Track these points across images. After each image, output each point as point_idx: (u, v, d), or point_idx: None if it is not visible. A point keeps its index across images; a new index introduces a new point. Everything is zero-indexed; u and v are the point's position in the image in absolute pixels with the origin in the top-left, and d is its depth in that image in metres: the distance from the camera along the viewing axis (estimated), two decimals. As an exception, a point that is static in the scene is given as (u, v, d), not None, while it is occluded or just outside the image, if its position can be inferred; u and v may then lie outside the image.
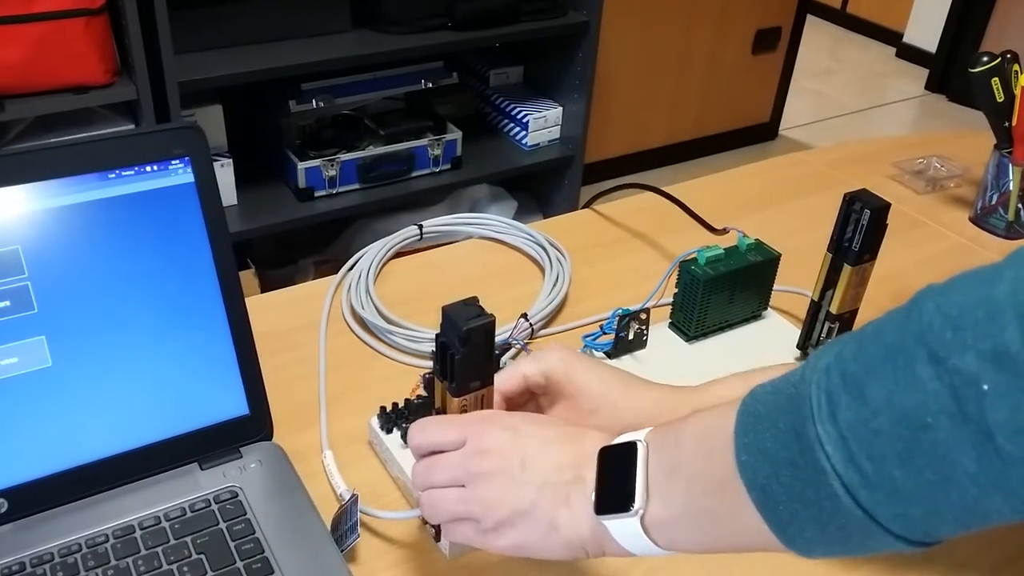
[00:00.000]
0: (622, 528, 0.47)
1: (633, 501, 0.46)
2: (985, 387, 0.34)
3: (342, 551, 0.58)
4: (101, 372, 0.59)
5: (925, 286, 0.39)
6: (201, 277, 0.62)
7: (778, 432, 0.40)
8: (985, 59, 0.98)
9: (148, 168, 0.60)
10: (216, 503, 0.60)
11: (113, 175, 0.59)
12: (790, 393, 0.41)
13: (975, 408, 0.34)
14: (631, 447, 0.48)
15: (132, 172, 0.60)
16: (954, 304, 0.36)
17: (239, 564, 0.56)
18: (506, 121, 2.28)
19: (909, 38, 3.87)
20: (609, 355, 0.75)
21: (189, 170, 0.61)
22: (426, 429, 0.54)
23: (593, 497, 0.48)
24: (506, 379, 0.61)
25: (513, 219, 0.94)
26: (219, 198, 0.62)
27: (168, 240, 0.61)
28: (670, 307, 0.80)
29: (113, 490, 0.60)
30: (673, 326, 0.79)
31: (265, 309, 0.83)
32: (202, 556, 0.57)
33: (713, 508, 0.44)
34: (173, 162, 0.61)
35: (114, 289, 0.59)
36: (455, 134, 2.08)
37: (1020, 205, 1.02)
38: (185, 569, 0.56)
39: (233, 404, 0.64)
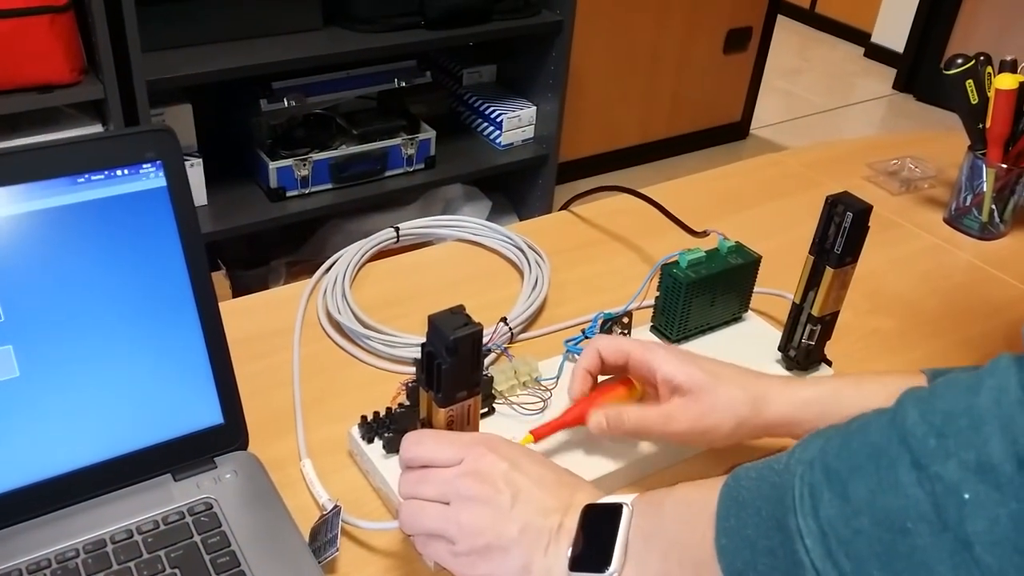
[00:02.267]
0: None
1: (609, 563, 0.46)
2: (966, 496, 0.34)
3: (320, 563, 0.57)
4: (71, 382, 0.57)
5: (908, 390, 0.39)
6: (173, 283, 0.60)
7: (760, 520, 0.41)
8: (960, 61, 0.99)
9: (119, 172, 0.58)
10: (190, 515, 0.58)
11: (83, 179, 0.57)
12: (774, 482, 0.41)
13: (955, 517, 0.34)
14: (616, 509, 0.48)
15: (102, 176, 0.58)
16: (938, 412, 0.36)
17: (215, 578, 0.55)
18: (480, 120, 2.27)
19: (877, 38, 3.91)
20: (590, 359, 0.75)
21: (161, 174, 0.60)
22: (423, 443, 0.53)
23: (570, 551, 0.48)
24: (587, 355, 0.63)
25: (487, 219, 0.93)
26: (192, 202, 0.61)
27: (139, 246, 0.59)
28: (651, 310, 0.79)
29: (83, 503, 0.59)
30: (655, 329, 0.79)
31: (238, 314, 0.81)
32: (176, 570, 0.55)
33: None
34: (145, 166, 0.59)
35: (84, 297, 0.57)
36: (428, 133, 2.07)
37: (994, 206, 1.03)
38: (159, 584, 0.54)
39: (207, 413, 0.62)
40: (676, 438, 0.61)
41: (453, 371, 0.53)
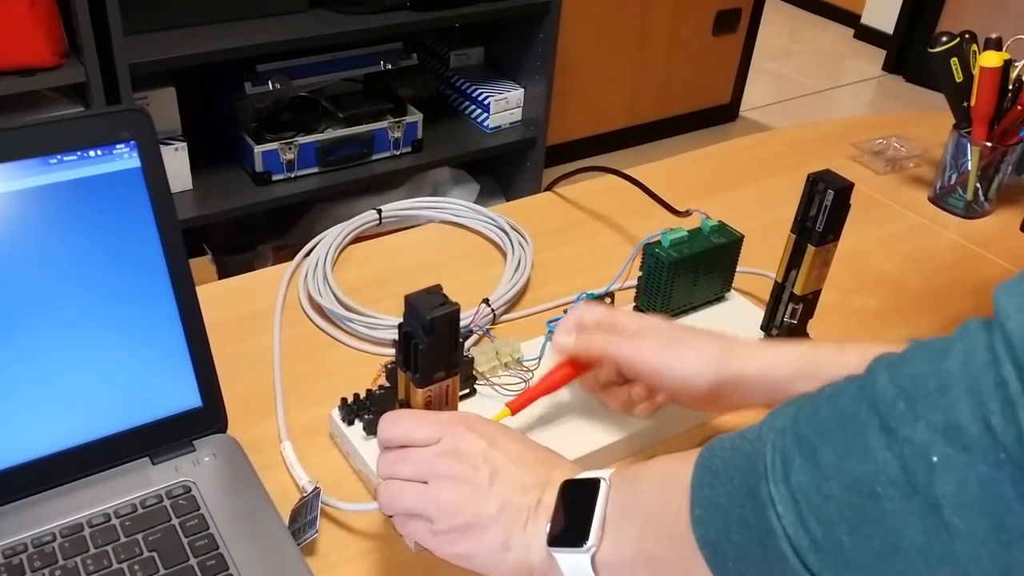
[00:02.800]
0: (572, 563, 0.47)
1: (587, 538, 0.46)
2: (934, 459, 0.34)
3: (299, 544, 0.57)
4: (46, 365, 0.57)
5: (879, 355, 0.39)
6: (149, 265, 0.60)
7: (733, 489, 0.41)
8: (944, 39, 0.98)
9: (92, 153, 0.58)
10: (168, 498, 0.58)
11: (55, 160, 0.56)
12: (746, 450, 0.41)
13: (924, 480, 0.34)
14: (594, 484, 0.48)
15: (75, 157, 0.57)
16: (906, 375, 0.36)
17: (192, 561, 0.54)
18: (467, 103, 2.25)
19: (867, 19, 3.90)
20: (572, 340, 0.74)
21: (135, 154, 0.59)
22: (400, 423, 0.53)
23: (548, 527, 0.48)
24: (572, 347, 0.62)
25: (475, 202, 0.93)
26: (167, 183, 0.60)
27: (114, 227, 0.58)
28: (634, 290, 0.79)
29: (60, 487, 0.58)
30: (638, 309, 0.78)
31: (219, 297, 0.81)
32: (154, 554, 0.55)
33: (664, 557, 0.44)
34: (118, 146, 0.58)
35: (58, 279, 0.57)
36: (415, 116, 2.05)
37: (978, 185, 1.02)
38: (136, 568, 0.54)
39: (185, 396, 0.62)
40: (642, 367, 0.60)
41: (430, 351, 0.52)
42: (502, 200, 2.38)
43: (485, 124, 2.22)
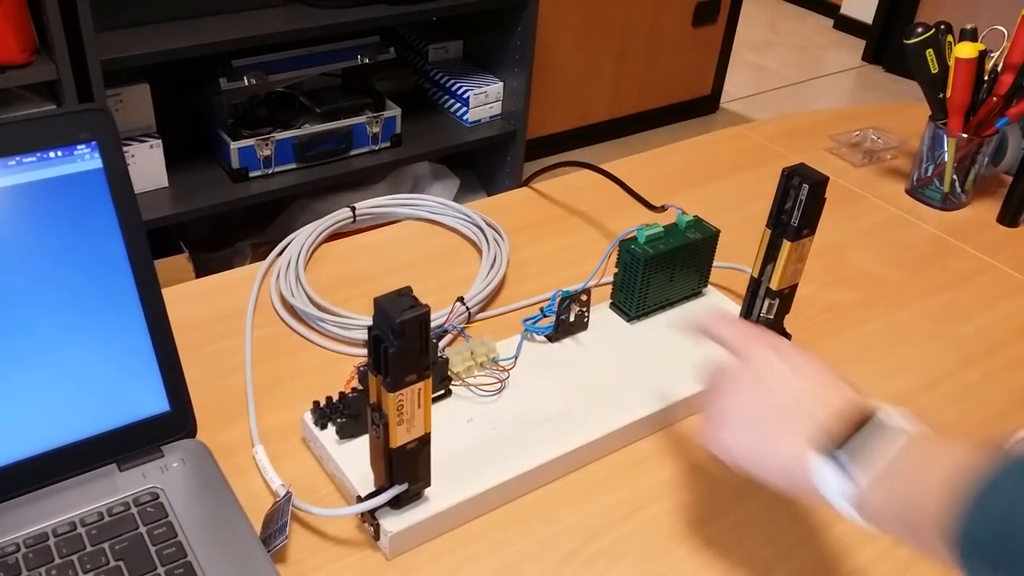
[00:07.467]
0: (833, 482, 0.48)
1: (866, 476, 0.47)
2: None
3: (269, 551, 0.56)
4: (7, 371, 0.56)
5: None
6: (113, 268, 0.58)
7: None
8: (919, 30, 0.98)
9: (52, 154, 0.56)
10: (136, 506, 0.57)
11: (13, 162, 0.55)
12: None
13: None
14: (894, 433, 0.48)
15: (34, 158, 0.56)
16: None
17: (160, 570, 0.53)
18: (446, 97, 2.24)
19: (846, 10, 3.90)
20: (550, 338, 0.74)
21: (97, 155, 0.57)
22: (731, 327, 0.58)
23: (837, 453, 0.49)
24: None
25: (455, 197, 0.92)
26: (130, 184, 0.59)
27: (76, 230, 0.57)
28: (610, 287, 0.78)
29: (24, 496, 0.57)
30: (614, 306, 0.78)
31: (190, 297, 0.80)
32: (120, 563, 0.54)
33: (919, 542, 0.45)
34: (79, 147, 0.57)
35: (19, 283, 0.55)
36: (394, 111, 2.04)
37: (955, 176, 1.02)
38: (103, 578, 0.53)
39: (152, 401, 0.61)
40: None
41: (400, 355, 0.51)
42: (483, 194, 2.36)
43: (464, 118, 2.20)
